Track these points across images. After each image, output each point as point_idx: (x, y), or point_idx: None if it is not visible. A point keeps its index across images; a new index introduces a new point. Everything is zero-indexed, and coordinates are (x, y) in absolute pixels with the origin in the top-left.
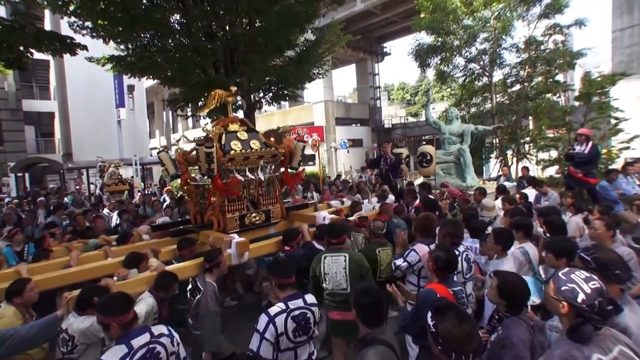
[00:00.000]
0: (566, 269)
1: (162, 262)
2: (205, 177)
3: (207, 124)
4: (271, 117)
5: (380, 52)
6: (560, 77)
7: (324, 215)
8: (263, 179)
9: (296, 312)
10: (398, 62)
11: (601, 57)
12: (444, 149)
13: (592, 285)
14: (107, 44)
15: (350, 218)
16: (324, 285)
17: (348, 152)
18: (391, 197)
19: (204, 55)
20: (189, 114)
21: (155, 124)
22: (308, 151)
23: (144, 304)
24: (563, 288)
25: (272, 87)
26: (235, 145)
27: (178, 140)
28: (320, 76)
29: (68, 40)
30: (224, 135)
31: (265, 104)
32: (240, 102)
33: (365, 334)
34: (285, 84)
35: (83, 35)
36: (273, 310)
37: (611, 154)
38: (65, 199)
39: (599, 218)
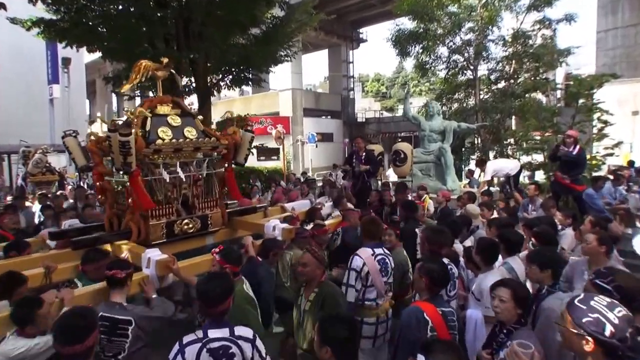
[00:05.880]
0: (582, 295)
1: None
2: (121, 173)
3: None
4: (231, 103)
5: (355, 38)
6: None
7: (274, 225)
8: (200, 177)
9: (215, 344)
10: (374, 51)
11: (582, 59)
12: (424, 147)
13: (619, 314)
14: (34, 4)
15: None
16: None
17: (317, 146)
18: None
19: (152, 24)
20: (137, 94)
21: (97, 106)
22: (272, 144)
23: None
24: (585, 320)
25: (233, 69)
26: (164, 133)
27: (92, 122)
28: (288, 59)
29: None
30: (149, 119)
31: (225, 88)
32: (188, 83)
33: None
34: (248, 66)
35: None
36: (187, 338)
37: (596, 160)
38: None
39: (592, 231)
